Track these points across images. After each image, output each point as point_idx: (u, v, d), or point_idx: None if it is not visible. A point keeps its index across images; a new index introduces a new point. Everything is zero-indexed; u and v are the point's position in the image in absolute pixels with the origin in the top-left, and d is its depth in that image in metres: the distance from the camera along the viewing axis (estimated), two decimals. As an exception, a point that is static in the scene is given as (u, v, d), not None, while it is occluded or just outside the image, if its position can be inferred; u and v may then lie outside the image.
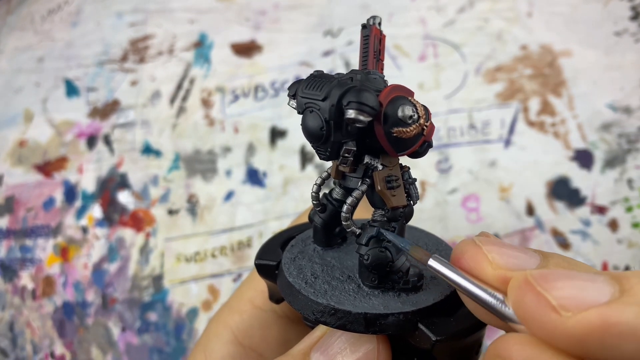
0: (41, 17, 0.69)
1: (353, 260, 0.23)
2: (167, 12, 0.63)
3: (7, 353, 0.53)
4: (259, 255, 0.24)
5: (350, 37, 0.57)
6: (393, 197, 0.20)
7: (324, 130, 0.19)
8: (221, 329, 0.28)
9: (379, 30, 0.22)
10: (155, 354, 0.49)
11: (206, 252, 0.51)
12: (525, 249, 0.18)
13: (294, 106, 0.20)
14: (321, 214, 0.23)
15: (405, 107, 0.19)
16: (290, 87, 0.20)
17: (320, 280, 0.22)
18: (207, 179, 0.54)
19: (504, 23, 0.53)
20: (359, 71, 0.20)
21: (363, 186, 0.20)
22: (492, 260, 0.17)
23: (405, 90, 0.19)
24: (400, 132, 0.19)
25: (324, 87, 0.19)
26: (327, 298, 0.20)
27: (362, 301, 0.20)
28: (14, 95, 0.64)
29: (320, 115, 0.19)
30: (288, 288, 0.22)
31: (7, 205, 0.58)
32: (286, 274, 0.22)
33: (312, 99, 0.19)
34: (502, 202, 0.47)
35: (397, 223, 0.21)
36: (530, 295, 0.15)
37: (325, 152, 0.20)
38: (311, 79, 0.20)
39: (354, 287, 0.21)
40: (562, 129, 0.48)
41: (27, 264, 0.55)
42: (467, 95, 0.51)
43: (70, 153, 0.58)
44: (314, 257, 0.23)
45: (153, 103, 0.58)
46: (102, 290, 0.52)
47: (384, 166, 0.20)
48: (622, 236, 0.44)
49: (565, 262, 0.17)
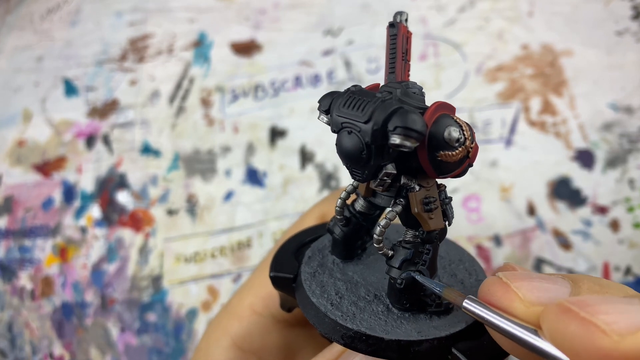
0: (40, 16, 0.69)
1: (376, 275, 0.22)
2: (166, 11, 0.63)
3: (6, 354, 0.53)
4: (274, 268, 0.23)
5: (350, 37, 0.56)
6: (430, 219, 0.19)
7: (364, 154, 0.17)
8: (220, 335, 0.28)
9: (406, 27, 0.20)
10: (154, 355, 0.49)
11: (206, 253, 0.51)
12: (554, 278, 0.17)
13: (324, 121, 0.19)
14: (343, 228, 0.22)
15: (452, 129, 0.17)
16: (323, 100, 0.19)
17: (346, 301, 0.20)
18: (206, 178, 0.54)
19: (505, 22, 0.53)
20: (397, 84, 0.18)
21: (397, 207, 0.19)
22: (524, 298, 0.16)
23: (449, 108, 0.18)
24: (445, 156, 0.17)
25: (366, 108, 0.17)
26: (356, 323, 0.19)
27: (394, 326, 0.19)
28: (13, 94, 0.63)
29: (360, 137, 0.17)
30: (313, 310, 0.20)
31: (6, 205, 0.57)
32: (309, 293, 0.21)
33: (351, 119, 0.17)
34: (503, 202, 0.47)
35: (432, 245, 0.19)
36: (575, 323, 0.14)
37: (362, 174, 0.18)
38: (350, 95, 0.18)
39: (382, 309, 0.20)
40: (563, 128, 0.48)
41: (25, 264, 0.54)
42: (468, 94, 0.51)
43: (69, 153, 0.58)
44: (334, 271, 0.22)
45: (152, 103, 0.58)
46: (101, 290, 0.52)
47: (421, 187, 0.18)
48: (623, 236, 0.44)
49: (597, 286, 0.16)
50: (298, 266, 0.23)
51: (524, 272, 0.18)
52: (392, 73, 0.19)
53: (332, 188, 0.51)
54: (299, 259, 0.23)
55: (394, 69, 0.19)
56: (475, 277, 0.23)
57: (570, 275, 0.17)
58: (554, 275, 0.17)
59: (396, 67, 0.19)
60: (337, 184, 0.51)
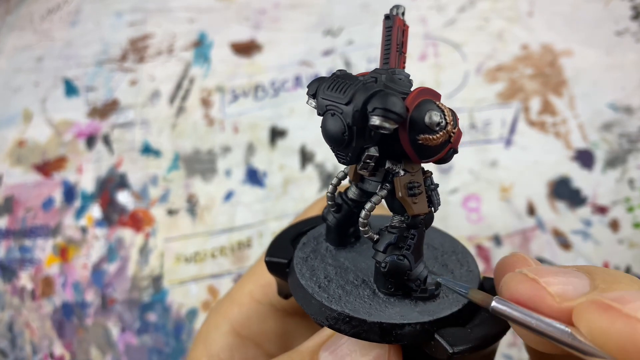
0: (40, 16, 0.69)
1: (367, 262, 0.22)
2: (166, 11, 0.63)
3: (6, 353, 0.53)
4: (270, 252, 0.23)
5: (350, 37, 0.56)
6: (414, 204, 0.19)
7: (346, 136, 0.18)
8: (220, 321, 0.28)
9: (402, 20, 0.20)
10: (154, 355, 0.49)
11: (206, 253, 0.51)
12: (571, 271, 0.17)
13: (313, 105, 0.19)
14: (336, 214, 0.22)
15: (433, 113, 0.17)
16: (311, 85, 0.19)
17: (334, 284, 0.21)
18: (206, 179, 0.54)
19: (505, 22, 0.53)
20: (383, 70, 0.19)
21: (382, 191, 0.19)
22: (555, 294, 0.16)
23: (432, 94, 0.18)
24: (426, 140, 0.18)
25: (347, 90, 0.17)
26: (341, 304, 0.19)
27: (378, 309, 0.19)
28: (13, 94, 0.63)
29: (342, 119, 0.18)
30: (301, 291, 0.21)
31: (7, 205, 0.57)
32: (298, 275, 0.21)
33: (334, 101, 0.18)
34: (503, 202, 0.47)
35: (417, 230, 0.20)
36: (621, 321, 0.14)
37: (346, 156, 0.19)
38: (334, 79, 0.18)
39: (369, 293, 0.20)
40: (563, 128, 0.48)
41: (26, 265, 0.55)
42: (468, 94, 0.51)
43: (69, 153, 0.58)
44: (326, 257, 0.23)
45: (152, 103, 0.58)
46: (101, 290, 0.52)
47: (405, 172, 0.19)
48: (623, 236, 0.44)
49: (610, 276, 0.16)
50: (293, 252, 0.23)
51: (545, 267, 0.17)
52: (386, 64, 0.20)
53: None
54: (295, 245, 0.24)
55: (388, 60, 0.20)
56: (466, 267, 0.23)
57: (584, 267, 0.17)
58: (569, 268, 0.17)
59: (390, 58, 0.20)
60: (337, 184, 0.51)
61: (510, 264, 0.20)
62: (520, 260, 0.19)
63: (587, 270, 0.17)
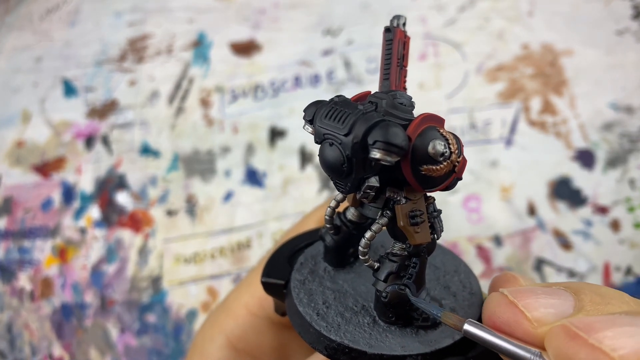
0: (39, 16, 0.68)
1: (366, 284, 0.22)
2: (165, 11, 0.63)
3: (5, 355, 0.53)
4: (266, 273, 0.23)
5: (350, 37, 0.56)
6: (416, 233, 0.18)
7: (345, 167, 0.17)
8: (216, 333, 0.28)
9: (403, 32, 0.20)
10: (154, 356, 0.49)
11: (205, 253, 0.51)
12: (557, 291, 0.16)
13: (309, 131, 0.18)
14: (334, 236, 0.22)
15: (437, 142, 0.17)
16: (307, 109, 0.18)
17: (332, 311, 0.20)
18: (206, 179, 0.53)
19: (505, 22, 0.53)
20: (384, 94, 0.18)
21: (383, 219, 0.19)
22: (532, 318, 0.16)
23: (436, 119, 0.17)
24: (429, 171, 0.17)
25: (346, 120, 0.17)
26: (340, 334, 0.19)
27: (379, 339, 0.19)
28: (12, 95, 0.63)
29: (341, 150, 0.17)
30: (298, 318, 0.20)
31: (5, 206, 0.57)
32: (296, 301, 0.21)
33: (332, 131, 0.17)
34: (504, 203, 0.47)
35: (419, 259, 0.19)
36: (585, 350, 0.14)
37: (345, 186, 0.18)
38: (332, 106, 0.17)
39: (368, 321, 0.20)
40: (564, 128, 0.48)
41: (25, 265, 0.54)
42: (468, 94, 0.51)
43: (68, 153, 0.58)
44: (324, 279, 0.22)
45: (152, 103, 0.58)
46: (100, 291, 0.52)
47: (407, 199, 0.18)
48: (623, 236, 0.44)
49: (598, 296, 0.16)
50: (290, 272, 0.23)
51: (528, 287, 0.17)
52: (386, 79, 0.19)
53: (331, 189, 0.51)
54: (292, 264, 0.23)
55: (389, 75, 0.19)
56: (469, 289, 0.22)
57: (572, 285, 0.17)
58: (555, 286, 0.17)
59: (390, 74, 0.19)
60: (337, 184, 0.51)
61: (500, 283, 0.19)
62: (510, 279, 0.19)
63: (576, 289, 0.16)
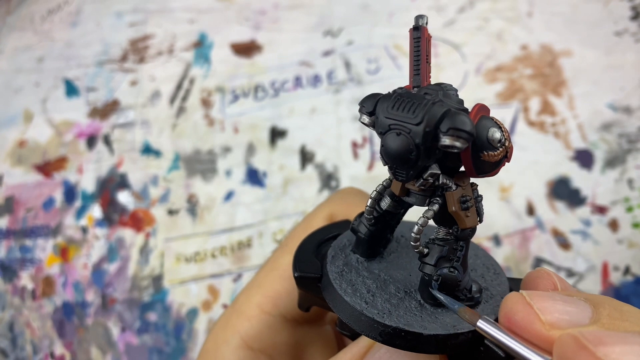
0: (41, 17, 0.69)
1: (400, 272, 0.23)
2: (167, 12, 0.63)
3: (7, 353, 0.53)
4: (299, 268, 0.23)
5: (350, 37, 0.56)
6: (467, 217, 0.19)
7: (413, 155, 0.18)
8: (229, 335, 0.28)
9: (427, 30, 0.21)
10: (155, 354, 0.49)
11: (206, 252, 0.51)
12: (576, 301, 0.17)
13: (365, 122, 0.19)
14: (371, 227, 0.22)
15: (494, 129, 0.18)
16: (366, 102, 0.19)
17: (379, 299, 0.21)
18: (207, 179, 0.54)
19: (504, 23, 0.53)
20: (436, 86, 0.19)
21: (435, 206, 0.19)
22: (545, 322, 0.16)
23: (487, 110, 0.19)
24: (488, 157, 0.18)
25: (417, 110, 0.18)
26: (394, 319, 0.20)
27: (430, 321, 0.20)
28: (14, 95, 0.64)
29: (410, 139, 0.18)
30: (347, 309, 0.21)
31: (7, 205, 0.57)
32: (341, 292, 0.21)
33: (401, 121, 0.18)
34: (503, 202, 0.47)
35: (465, 242, 0.20)
36: None
37: (407, 174, 0.19)
38: (398, 98, 0.18)
39: (415, 305, 0.21)
40: (563, 128, 0.48)
41: (26, 264, 0.55)
42: (468, 95, 0.51)
43: (70, 153, 0.58)
44: (360, 269, 0.23)
45: (153, 103, 0.58)
46: (101, 290, 0.52)
47: (457, 186, 0.19)
48: (622, 236, 0.44)
49: (618, 312, 0.16)
50: (320, 265, 0.23)
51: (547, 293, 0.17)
52: (417, 75, 0.20)
53: (332, 188, 0.51)
54: (319, 258, 0.24)
55: (419, 71, 0.20)
56: (493, 270, 0.23)
57: (593, 297, 0.17)
58: (576, 295, 0.17)
59: (421, 71, 0.20)
60: (337, 184, 0.51)
61: (532, 279, 0.20)
62: (543, 276, 0.19)
63: (597, 302, 0.17)
